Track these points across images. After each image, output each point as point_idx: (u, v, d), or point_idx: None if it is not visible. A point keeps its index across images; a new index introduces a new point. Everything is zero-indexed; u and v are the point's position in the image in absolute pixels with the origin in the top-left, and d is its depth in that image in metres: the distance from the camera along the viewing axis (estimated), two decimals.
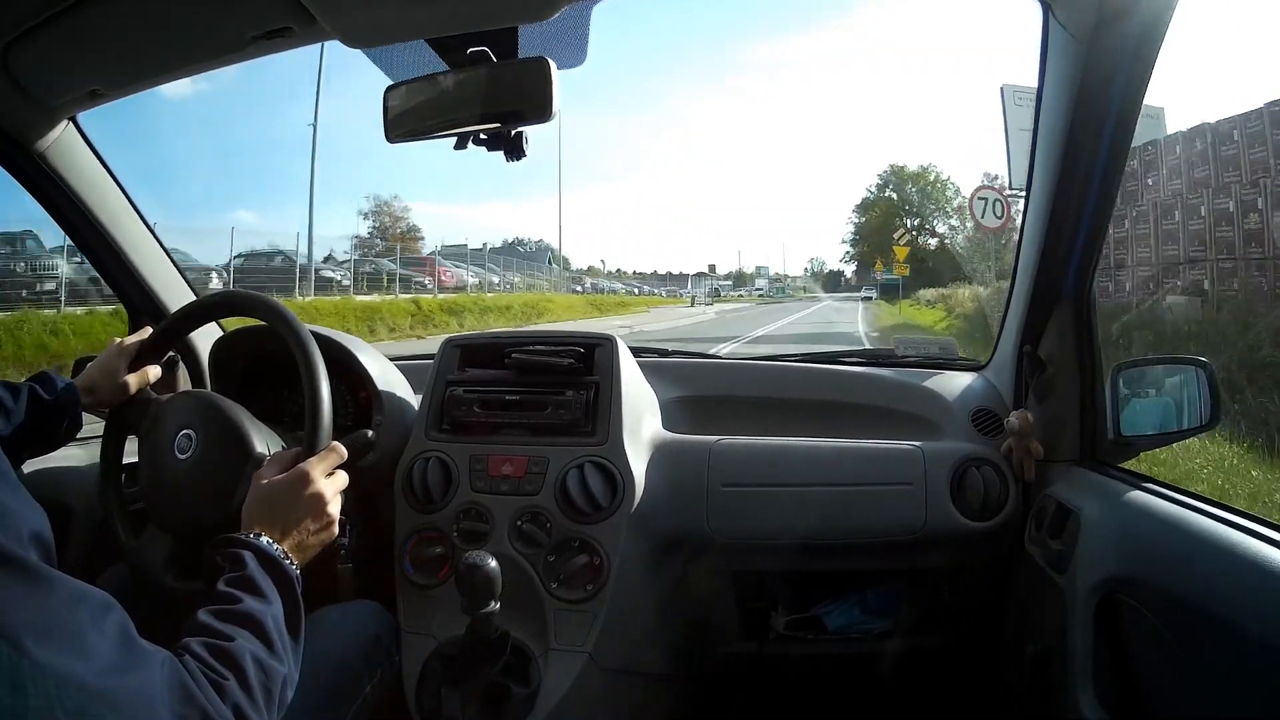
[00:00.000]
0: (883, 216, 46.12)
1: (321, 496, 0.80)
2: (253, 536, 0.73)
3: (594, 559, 1.11)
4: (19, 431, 0.93)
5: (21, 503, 0.53)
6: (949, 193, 44.60)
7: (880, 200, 47.59)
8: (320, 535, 0.79)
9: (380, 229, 34.64)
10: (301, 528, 0.77)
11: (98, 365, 1.02)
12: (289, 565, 0.73)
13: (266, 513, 0.77)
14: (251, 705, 0.59)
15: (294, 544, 0.76)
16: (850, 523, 1.18)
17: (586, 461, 1.15)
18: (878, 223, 45.92)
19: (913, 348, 1.58)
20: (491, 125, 0.90)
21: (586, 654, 1.07)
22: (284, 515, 0.77)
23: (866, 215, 48.23)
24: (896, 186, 46.87)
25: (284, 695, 0.65)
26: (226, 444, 0.92)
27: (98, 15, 0.92)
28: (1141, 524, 0.89)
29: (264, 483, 0.79)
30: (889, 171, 47.70)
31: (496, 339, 1.34)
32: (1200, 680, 0.80)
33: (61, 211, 1.23)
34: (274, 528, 0.75)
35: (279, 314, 0.95)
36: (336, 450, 0.85)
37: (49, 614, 0.48)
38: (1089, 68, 0.87)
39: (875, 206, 47.80)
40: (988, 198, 11.13)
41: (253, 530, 0.75)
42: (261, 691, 0.61)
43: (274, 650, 0.65)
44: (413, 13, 0.81)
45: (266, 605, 0.67)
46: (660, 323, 18.23)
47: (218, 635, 0.62)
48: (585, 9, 0.89)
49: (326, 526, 0.80)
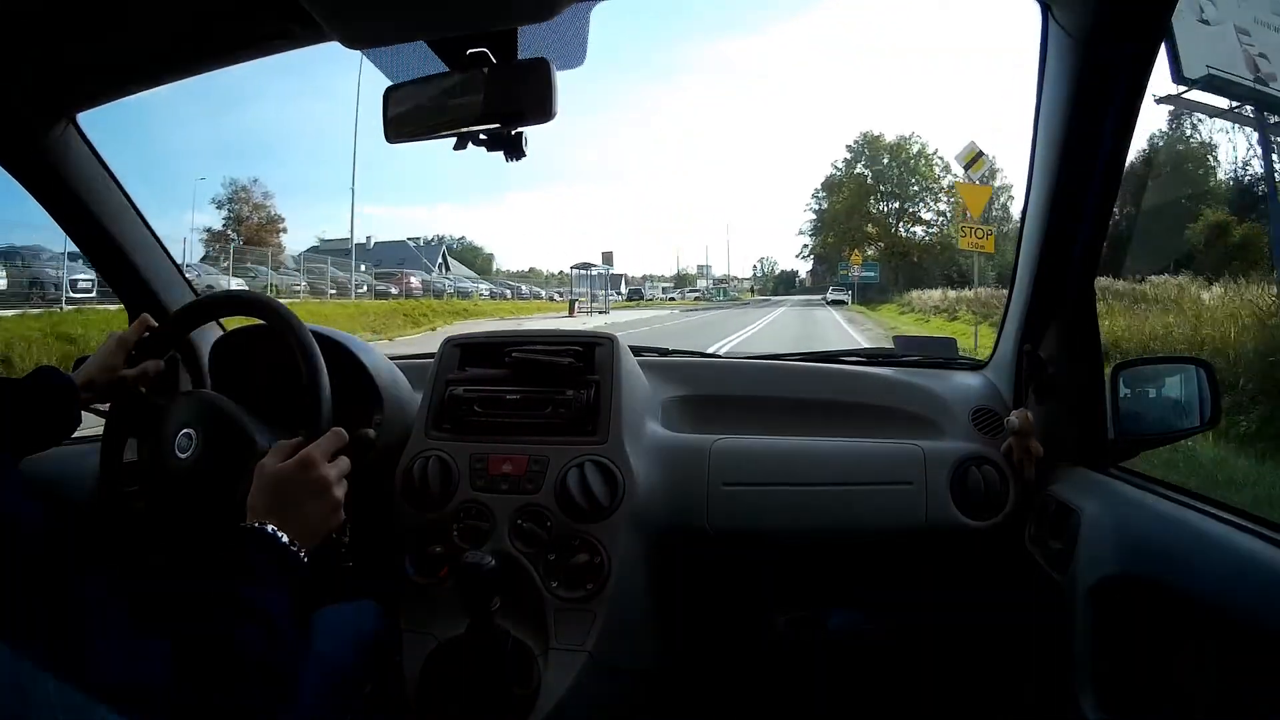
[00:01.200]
0: (853, 199, 38.33)
1: (326, 479, 0.79)
2: (257, 525, 0.73)
3: (594, 558, 1.11)
4: (18, 426, 0.93)
5: (19, 498, 0.53)
6: (936, 169, 36.99)
7: (851, 179, 39.03)
8: (327, 519, 0.78)
9: (236, 219, 28.90)
10: (307, 512, 0.77)
11: (95, 361, 1.01)
12: (295, 551, 0.72)
13: (271, 500, 0.76)
14: (254, 695, 0.59)
15: (300, 530, 0.75)
16: (850, 522, 1.18)
17: (587, 460, 1.15)
18: (847, 205, 38.39)
19: (913, 347, 1.58)
20: (491, 125, 0.90)
21: (587, 653, 1.07)
22: (289, 501, 0.76)
23: (832, 198, 39.68)
24: (870, 160, 38.65)
25: (288, 685, 0.64)
26: (227, 441, 0.92)
27: (97, 16, 0.92)
28: (1141, 523, 0.89)
29: (268, 471, 0.79)
30: (861, 142, 39.28)
31: (497, 338, 1.34)
32: (1201, 679, 0.81)
33: (62, 211, 1.24)
34: (279, 515, 0.75)
35: (279, 313, 0.96)
36: (338, 434, 0.84)
37: (48, 610, 0.48)
38: (1089, 68, 0.87)
39: (843, 187, 39.22)
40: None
41: (257, 520, 0.74)
42: (263, 681, 0.61)
43: (276, 640, 0.64)
44: (413, 14, 0.81)
45: (270, 593, 0.67)
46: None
47: (218, 624, 0.61)
48: (585, 9, 0.89)
49: (333, 509, 0.79)
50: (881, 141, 38.95)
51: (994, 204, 23.05)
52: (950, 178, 35.72)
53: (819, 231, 41.04)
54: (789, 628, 1.33)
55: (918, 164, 37.86)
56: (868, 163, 39.12)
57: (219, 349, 1.26)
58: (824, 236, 40.28)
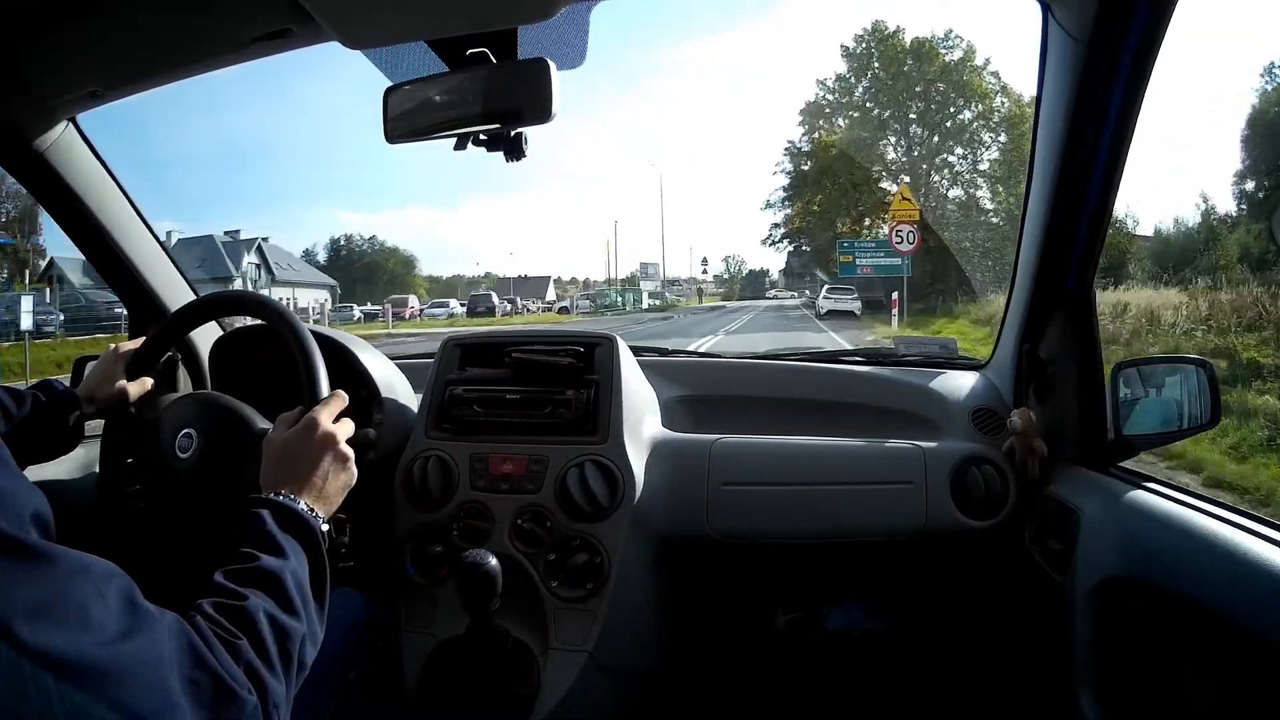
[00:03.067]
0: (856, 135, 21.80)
1: (333, 436, 0.79)
2: (271, 495, 0.72)
3: (594, 558, 1.11)
4: (22, 437, 0.93)
5: (20, 485, 0.52)
6: (986, 83, 20.23)
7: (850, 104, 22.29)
8: (340, 478, 0.78)
9: None
10: (320, 474, 0.76)
11: (96, 372, 1.02)
12: (312, 516, 0.72)
13: (282, 468, 0.76)
14: (266, 666, 0.58)
15: (315, 494, 0.75)
16: (850, 522, 1.18)
17: (587, 460, 1.15)
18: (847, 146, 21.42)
19: (913, 347, 1.58)
20: (491, 126, 0.90)
21: (587, 653, 1.08)
22: (300, 465, 0.76)
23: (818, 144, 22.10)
24: (884, 67, 21.54)
25: (304, 655, 0.63)
26: (228, 436, 0.92)
27: (98, 16, 0.92)
28: (1141, 524, 0.89)
29: (275, 441, 0.78)
30: (868, 41, 21.85)
31: (497, 338, 1.34)
32: (1200, 680, 0.81)
33: (61, 211, 1.24)
34: (293, 481, 0.74)
35: (279, 313, 0.96)
36: (339, 395, 0.84)
37: (51, 591, 0.47)
38: (1089, 68, 0.87)
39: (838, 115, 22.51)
40: None
41: (271, 491, 0.73)
42: (278, 652, 0.59)
43: (291, 608, 0.62)
44: (412, 14, 0.81)
45: (284, 562, 0.65)
46: None
47: (230, 595, 0.60)
48: (585, 9, 0.89)
49: (344, 467, 0.79)
50: (898, 42, 21.42)
51: None
52: (1004, 101, 19.98)
53: (798, 195, 22.66)
54: (788, 627, 1.34)
55: (960, 74, 20.66)
56: (878, 77, 21.66)
57: (219, 349, 1.27)
58: (807, 199, 22.24)
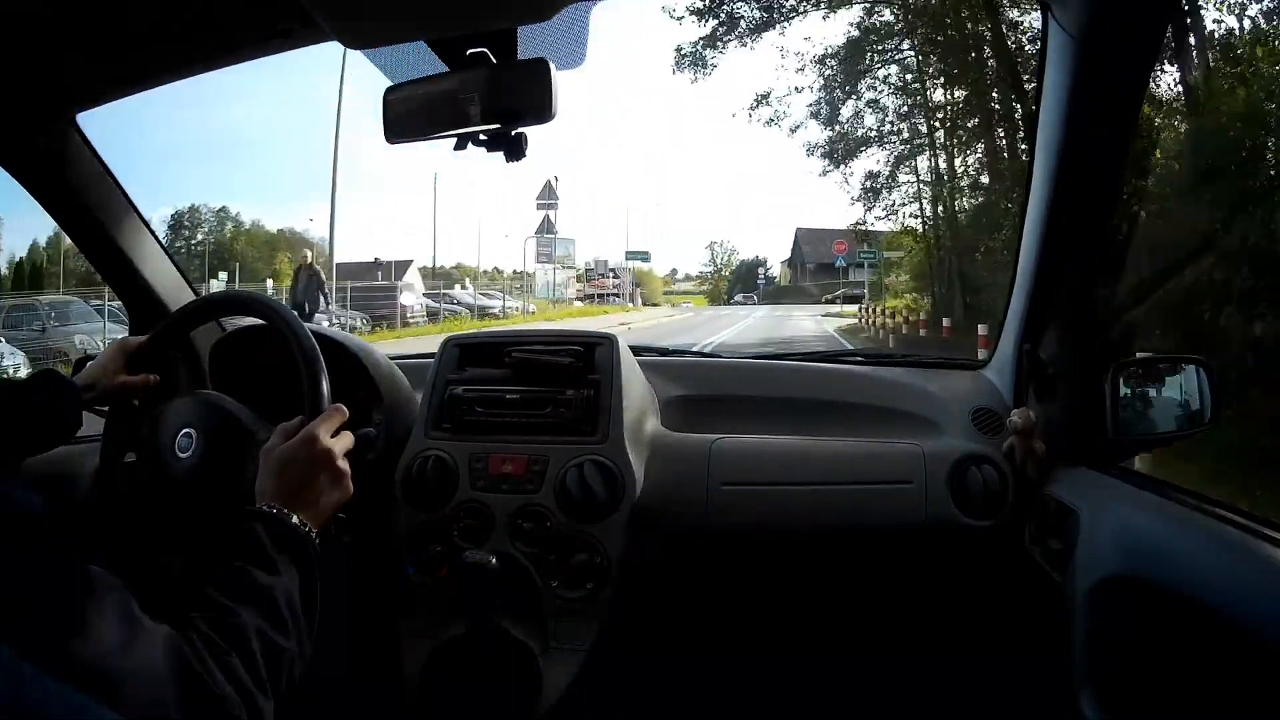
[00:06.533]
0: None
1: (330, 452, 0.79)
2: (264, 508, 0.73)
3: (594, 557, 1.11)
4: (20, 427, 0.94)
5: (18, 488, 0.53)
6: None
7: None
8: (334, 495, 0.78)
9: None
10: (314, 488, 0.76)
11: (98, 363, 1.02)
12: (303, 530, 0.72)
13: (278, 481, 0.76)
14: (256, 685, 0.58)
15: (308, 508, 0.75)
16: (850, 521, 1.18)
17: (587, 460, 1.15)
18: None
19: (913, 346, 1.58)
20: (492, 126, 0.90)
21: (586, 653, 1.08)
22: (295, 478, 0.76)
23: None
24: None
25: (292, 672, 0.64)
26: (228, 438, 0.93)
27: (97, 16, 0.92)
28: (1141, 523, 0.89)
29: (274, 453, 0.79)
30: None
31: (497, 338, 1.34)
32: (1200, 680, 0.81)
33: (61, 211, 1.24)
34: (286, 495, 0.74)
35: (278, 313, 0.96)
36: (339, 410, 0.84)
37: (53, 598, 0.47)
38: (1089, 68, 0.87)
39: None
40: None
41: (265, 504, 0.74)
42: (268, 669, 0.60)
43: (281, 626, 0.63)
44: (412, 14, 0.81)
45: (275, 578, 0.66)
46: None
47: (223, 611, 0.61)
48: (585, 9, 0.89)
49: (339, 483, 0.79)
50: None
51: None
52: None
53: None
54: (789, 627, 1.34)
55: None
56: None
57: (219, 349, 1.27)
58: None
